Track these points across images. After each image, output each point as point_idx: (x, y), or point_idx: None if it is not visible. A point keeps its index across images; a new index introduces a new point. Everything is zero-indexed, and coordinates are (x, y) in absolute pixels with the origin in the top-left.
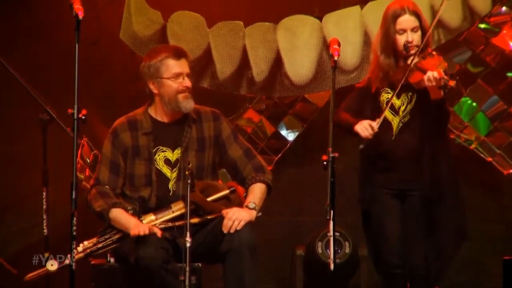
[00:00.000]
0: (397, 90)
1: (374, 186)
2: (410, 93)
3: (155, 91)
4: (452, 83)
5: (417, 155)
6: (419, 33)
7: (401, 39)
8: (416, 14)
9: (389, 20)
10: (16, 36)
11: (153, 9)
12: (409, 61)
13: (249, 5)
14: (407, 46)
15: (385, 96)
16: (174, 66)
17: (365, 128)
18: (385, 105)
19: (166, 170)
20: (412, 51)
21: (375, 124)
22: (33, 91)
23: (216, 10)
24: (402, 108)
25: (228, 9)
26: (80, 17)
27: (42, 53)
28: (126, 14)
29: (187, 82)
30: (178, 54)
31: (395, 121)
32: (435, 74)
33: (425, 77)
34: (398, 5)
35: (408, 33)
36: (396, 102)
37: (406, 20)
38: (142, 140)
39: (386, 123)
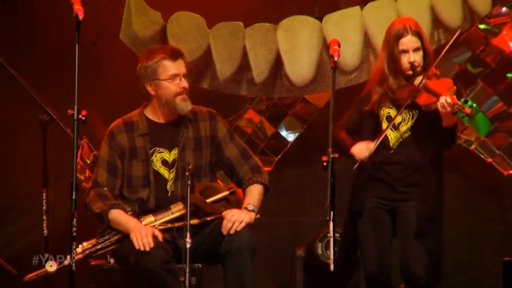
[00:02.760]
0: (401, 110)
1: (366, 195)
2: (413, 111)
3: (152, 92)
4: (468, 110)
5: (414, 169)
6: (420, 53)
7: (403, 59)
8: (418, 34)
9: (392, 41)
10: (16, 36)
11: (153, 9)
12: (416, 82)
13: (249, 6)
14: (414, 66)
15: (385, 111)
16: (170, 68)
17: (361, 151)
18: (384, 120)
19: (163, 171)
20: (418, 71)
21: (373, 146)
22: (33, 91)
23: (216, 11)
24: (403, 123)
25: (228, 10)
26: (80, 17)
27: (42, 54)
28: (126, 15)
29: (184, 83)
30: (175, 55)
31: (393, 136)
32: (448, 99)
33: (439, 104)
34: (400, 25)
35: (410, 54)
36: (397, 118)
37: (409, 41)
38: (139, 141)
39: (384, 138)
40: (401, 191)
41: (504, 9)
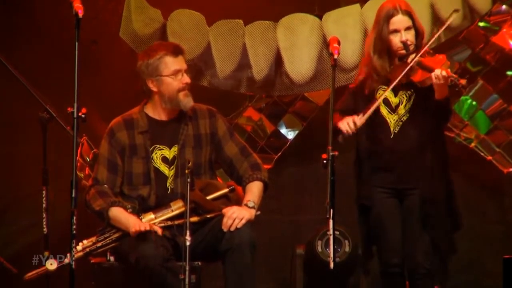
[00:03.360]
0: (391, 86)
1: (372, 184)
2: (409, 92)
3: (154, 89)
4: (463, 81)
5: (416, 153)
6: (412, 32)
7: (395, 39)
8: (409, 14)
9: (382, 21)
10: (16, 34)
11: (153, 7)
12: (409, 60)
13: (249, 4)
14: (406, 44)
15: (381, 94)
16: (173, 63)
17: (346, 123)
18: (382, 104)
19: (163, 168)
20: (411, 50)
21: (358, 120)
22: (33, 89)
23: (216, 9)
24: (401, 106)
25: (228, 8)
26: (80, 15)
27: (42, 52)
28: (126, 13)
29: (186, 78)
30: (176, 51)
31: (392, 120)
32: (444, 72)
33: (433, 75)
34: (390, 5)
35: (402, 33)
36: (394, 100)
37: (400, 20)
38: (139, 138)
39: (383, 122)
40: (406, 179)
41: (504, 7)
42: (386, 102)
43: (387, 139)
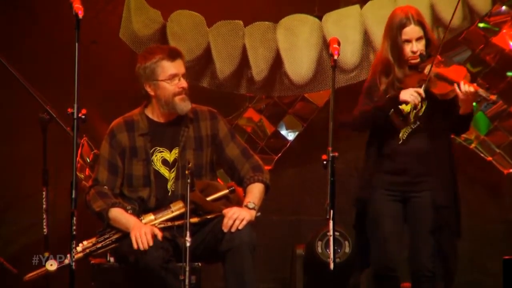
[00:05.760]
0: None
1: (375, 187)
2: (423, 101)
3: (151, 93)
4: (493, 97)
5: (424, 159)
6: (423, 42)
7: (406, 49)
8: (421, 23)
9: (395, 30)
10: (16, 35)
11: (153, 8)
12: (426, 71)
13: (249, 5)
14: (422, 55)
15: (402, 106)
16: (169, 68)
17: (413, 95)
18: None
19: (164, 171)
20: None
21: (421, 90)
22: (33, 90)
23: (216, 10)
24: (412, 114)
25: (228, 9)
26: (80, 16)
27: (42, 53)
28: (126, 13)
29: (183, 83)
30: (173, 55)
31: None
32: (472, 88)
33: (460, 91)
34: (403, 14)
35: (413, 43)
36: (405, 108)
37: (412, 30)
38: (139, 141)
39: (393, 128)
40: (411, 182)
41: (503, 7)
42: (398, 112)
43: (396, 144)
